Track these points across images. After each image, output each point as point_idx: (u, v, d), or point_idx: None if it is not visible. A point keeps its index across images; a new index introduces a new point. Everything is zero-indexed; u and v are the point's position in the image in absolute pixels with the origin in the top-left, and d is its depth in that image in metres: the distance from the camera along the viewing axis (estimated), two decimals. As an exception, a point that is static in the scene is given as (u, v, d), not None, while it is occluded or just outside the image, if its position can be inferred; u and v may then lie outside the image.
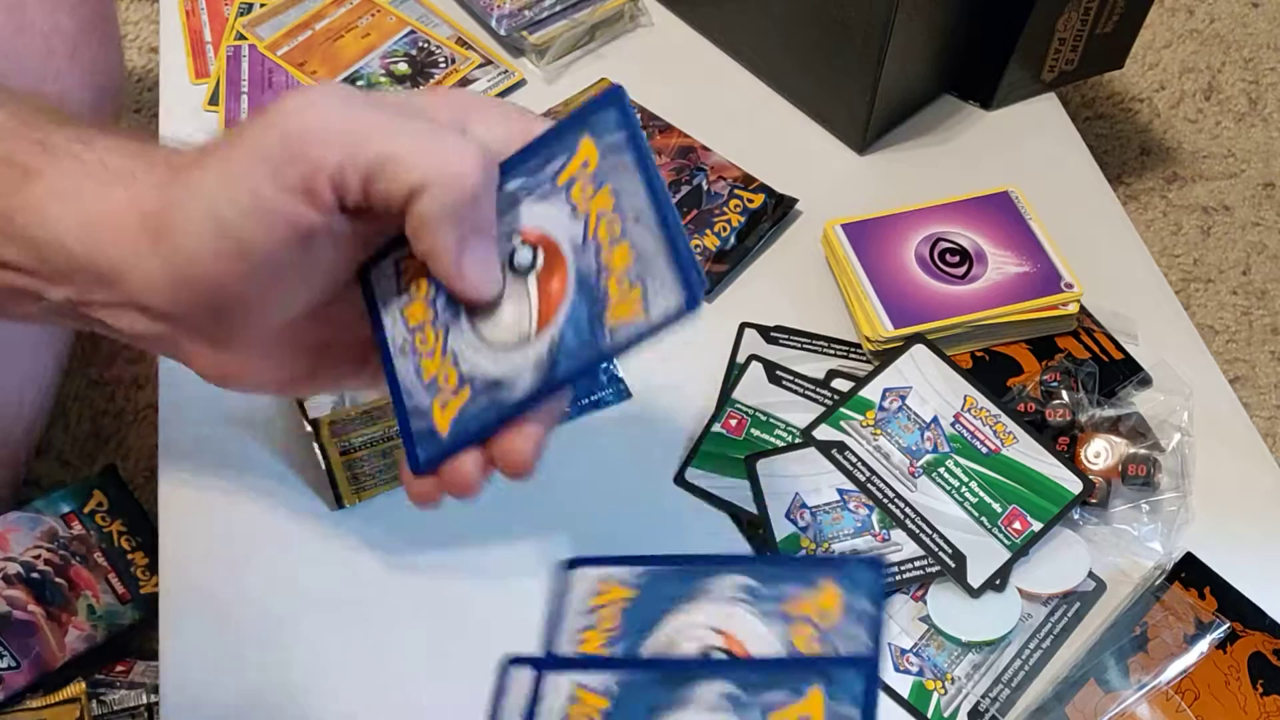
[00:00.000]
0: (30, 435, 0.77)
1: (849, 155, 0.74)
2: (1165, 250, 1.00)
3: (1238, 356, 0.95)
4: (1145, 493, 0.57)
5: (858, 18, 0.66)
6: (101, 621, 0.74)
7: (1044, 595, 0.54)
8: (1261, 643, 0.53)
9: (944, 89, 0.77)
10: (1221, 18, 1.15)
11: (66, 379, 0.92)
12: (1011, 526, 0.55)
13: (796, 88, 0.76)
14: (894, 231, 0.65)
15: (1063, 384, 0.60)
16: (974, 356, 0.62)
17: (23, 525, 0.74)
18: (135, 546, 0.78)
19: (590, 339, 0.33)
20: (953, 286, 0.62)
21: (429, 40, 0.78)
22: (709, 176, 0.69)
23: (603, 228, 0.33)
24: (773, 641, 0.33)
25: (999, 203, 0.66)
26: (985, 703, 0.52)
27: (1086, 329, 0.63)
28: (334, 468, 0.56)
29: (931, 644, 0.54)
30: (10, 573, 0.71)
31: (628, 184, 0.33)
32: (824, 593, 0.33)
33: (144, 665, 0.75)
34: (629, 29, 0.80)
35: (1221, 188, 1.03)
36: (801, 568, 0.35)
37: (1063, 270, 0.63)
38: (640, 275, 0.32)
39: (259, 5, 0.80)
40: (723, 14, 0.78)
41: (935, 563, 0.54)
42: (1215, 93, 1.10)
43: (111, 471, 0.83)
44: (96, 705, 0.71)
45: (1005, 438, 0.57)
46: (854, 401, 0.59)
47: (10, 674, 0.69)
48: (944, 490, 0.56)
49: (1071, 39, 0.74)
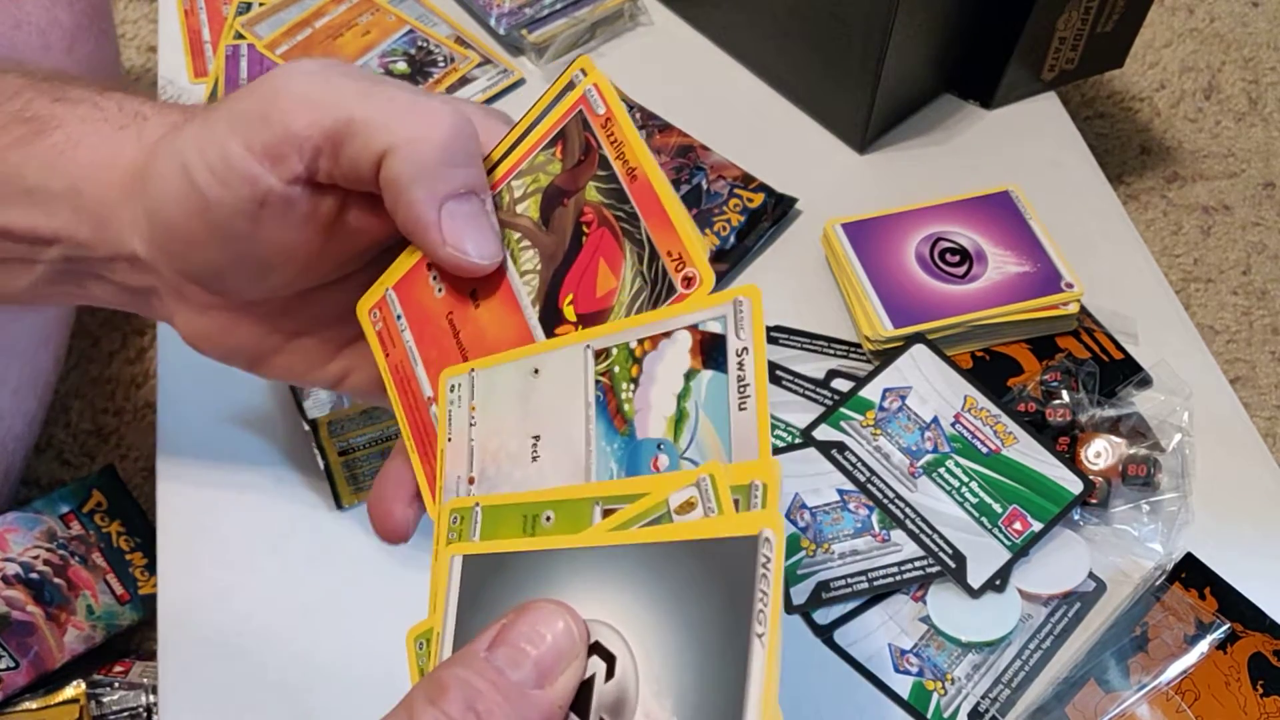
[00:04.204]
0: (30, 433, 0.77)
1: (849, 155, 0.74)
2: (1165, 250, 1.00)
3: (1238, 356, 0.95)
4: (1145, 493, 0.57)
5: (858, 17, 0.66)
6: (100, 622, 0.74)
7: (1044, 596, 0.54)
8: (1262, 643, 0.53)
9: (944, 88, 0.77)
10: (1221, 17, 1.15)
11: (66, 378, 0.92)
12: (1011, 527, 0.55)
13: (796, 87, 0.76)
14: (894, 231, 0.65)
15: (1063, 384, 0.60)
16: (974, 356, 0.62)
17: (21, 525, 0.74)
18: (134, 547, 0.78)
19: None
20: (953, 286, 0.62)
21: (428, 39, 0.78)
22: (709, 176, 0.69)
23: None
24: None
25: (999, 202, 0.66)
26: (985, 703, 0.52)
27: (1086, 329, 0.63)
28: (333, 468, 0.56)
29: (931, 644, 0.53)
30: (9, 573, 0.71)
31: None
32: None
33: (143, 665, 0.75)
34: (629, 28, 0.80)
35: (1221, 187, 1.03)
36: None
37: (1063, 270, 0.62)
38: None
39: (258, 4, 0.80)
40: (723, 13, 0.78)
41: (935, 563, 0.54)
42: (1215, 92, 1.10)
43: (110, 471, 0.82)
44: (95, 705, 0.71)
45: (1005, 438, 0.57)
46: (854, 401, 0.59)
47: (9, 674, 0.69)
48: (944, 490, 0.56)
49: (1072, 38, 0.74)
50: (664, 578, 0.26)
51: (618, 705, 0.26)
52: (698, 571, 0.25)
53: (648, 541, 0.26)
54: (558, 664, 0.26)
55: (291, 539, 0.56)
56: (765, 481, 0.25)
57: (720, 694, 0.24)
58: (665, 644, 0.25)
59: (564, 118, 0.32)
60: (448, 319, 0.35)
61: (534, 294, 0.32)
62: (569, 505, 0.29)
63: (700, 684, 0.24)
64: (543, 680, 0.26)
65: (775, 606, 0.24)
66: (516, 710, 0.25)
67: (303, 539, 0.56)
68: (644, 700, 0.25)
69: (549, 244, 0.32)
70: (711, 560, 0.25)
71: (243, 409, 0.60)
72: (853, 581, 0.54)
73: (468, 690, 0.25)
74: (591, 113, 0.31)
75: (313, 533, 0.57)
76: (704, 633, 0.25)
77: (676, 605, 0.25)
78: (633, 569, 0.27)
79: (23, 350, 0.73)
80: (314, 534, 0.57)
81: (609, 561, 0.27)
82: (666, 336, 0.28)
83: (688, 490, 0.26)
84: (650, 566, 0.26)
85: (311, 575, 0.56)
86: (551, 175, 0.32)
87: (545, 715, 0.26)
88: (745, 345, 0.27)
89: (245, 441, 0.59)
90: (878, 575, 0.54)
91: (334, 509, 0.57)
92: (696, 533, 0.25)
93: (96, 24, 0.75)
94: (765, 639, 0.24)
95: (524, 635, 0.26)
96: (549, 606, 0.27)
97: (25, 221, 0.36)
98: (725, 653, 0.24)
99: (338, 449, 0.56)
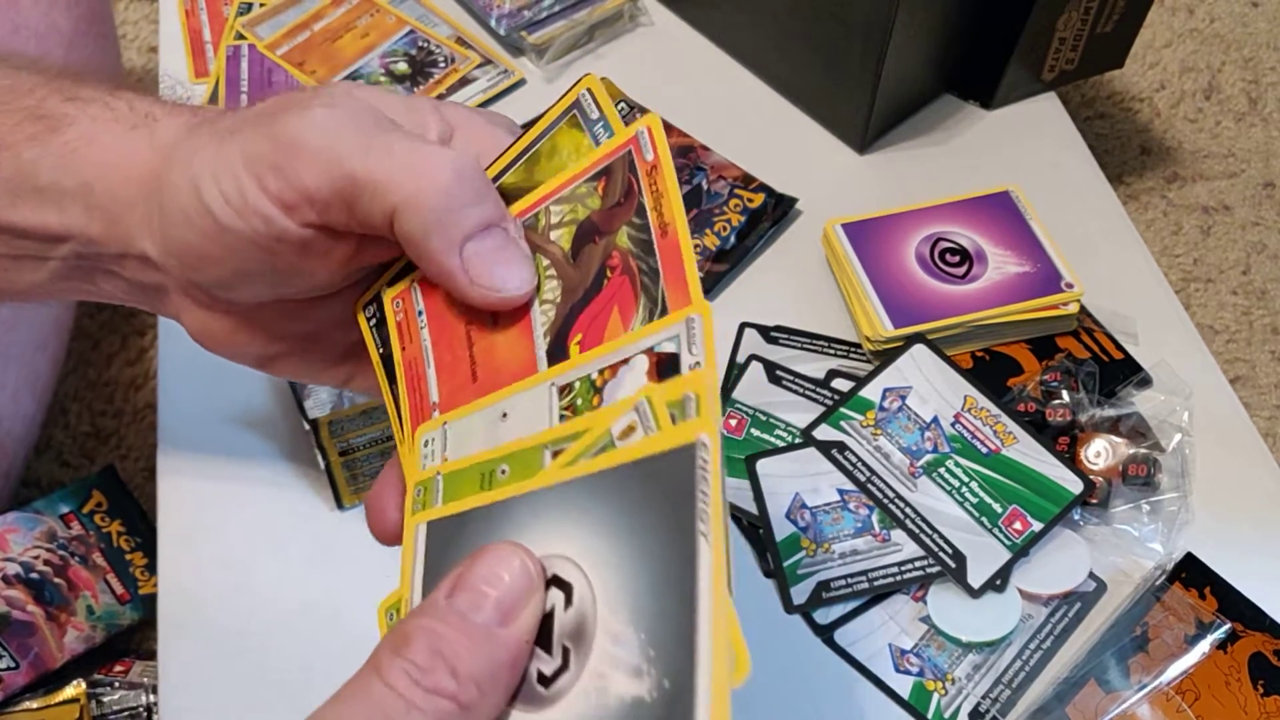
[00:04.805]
0: (29, 435, 0.77)
1: (849, 155, 0.74)
2: (1165, 250, 1.00)
3: (1238, 356, 0.95)
4: (1145, 493, 0.57)
5: (858, 17, 0.66)
6: (100, 622, 0.74)
7: (1044, 595, 0.54)
8: (1262, 643, 0.53)
9: (944, 89, 0.77)
10: (1221, 17, 1.15)
11: (66, 379, 0.92)
12: (1012, 527, 0.55)
13: (796, 87, 0.76)
14: (894, 231, 0.65)
15: (1063, 384, 0.60)
16: (974, 356, 0.62)
17: (22, 525, 0.74)
18: (134, 547, 0.78)
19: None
20: (953, 286, 0.62)
21: (428, 40, 0.78)
22: (709, 176, 0.69)
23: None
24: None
25: (999, 202, 0.66)
26: (986, 703, 0.52)
27: (1086, 329, 0.63)
28: (333, 468, 0.56)
29: (931, 644, 0.53)
30: (9, 573, 0.71)
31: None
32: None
33: (143, 665, 0.75)
34: (629, 29, 0.80)
35: (1221, 187, 1.03)
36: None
37: (1063, 270, 0.62)
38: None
39: (258, 5, 0.80)
40: (723, 14, 0.78)
41: (935, 563, 0.54)
42: (1215, 92, 1.10)
43: (110, 471, 0.82)
44: (96, 705, 0.71)
45: (1005, 438, 0.57)
46: (854, 401, 0.59)
47: (9, 674, 0.69)
48: (944, 490, 0.56)
49: (1072, 38, 0.74)
50: (612, 502, 0.27)
51: (578, 630, 0.26)
52: (643, 489, 0.26)
53: (594, 471, 0.27)
54: (518, 602, 0.26)
55: (292, 539, 0.57)
56: (697, 392, 0.26)
57: (673, 594, 0.24)
58: (618, 563, 0.26)
59: (613, 153, 0.31)
60: (466, 330, 0.34)
61: (548, 325, 0.32)
62: (520, 455, 0.30)
63: (654, 590, 0.25)
64: (506, 619, 0.26)
65: (716, 504, 0.24)
66: (483, 650, 0.26)
67: (303, 539, 0.57)
68: (603, 619, 0.26)
69: (573, 278, 0.32)
70: (654, 476, 0.26)
71: (243, 409, 0.60)
72: (853, 581, 0.54)
73: (432, 637, 0.26)
74: (640, 156, 0.31)
75: (313, 533, 0.57)
76: (653, 544, 0.25)
77: (626, 525, 0.26)
78: (583, 500, 0.27)
79: (19, 354, 0.73)
80: (314, 534, 0.57)
81: (561, 498, 0.28)
82: (625, 363, 0.29)
83: (627, 416, 0.27)
84: (598, 495, 0.27)
85: (311, 575, 0.56)
86: (590, 210, 0.32)
87: (512, 652, 0.26)
88: (698, 360, 0.27)
89: (246, 441, 0.59)
90: (878, 575, 0.54)
91: (334, 509, 0.57)
92: (637, 453, 0.26)
93: (95, 28, 0.75)
94: (710, 535, 0.24)
95: (482, 578, 0.27)
96: (503, 548, 0.27)
97: (38, 218, 0.36)
98: (674, 556, 0.25)
99: (338, 449, 0.56)
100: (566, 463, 0.28)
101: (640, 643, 0.25)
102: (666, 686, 0.24)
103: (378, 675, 0.26)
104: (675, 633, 0.24)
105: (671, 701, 0.23)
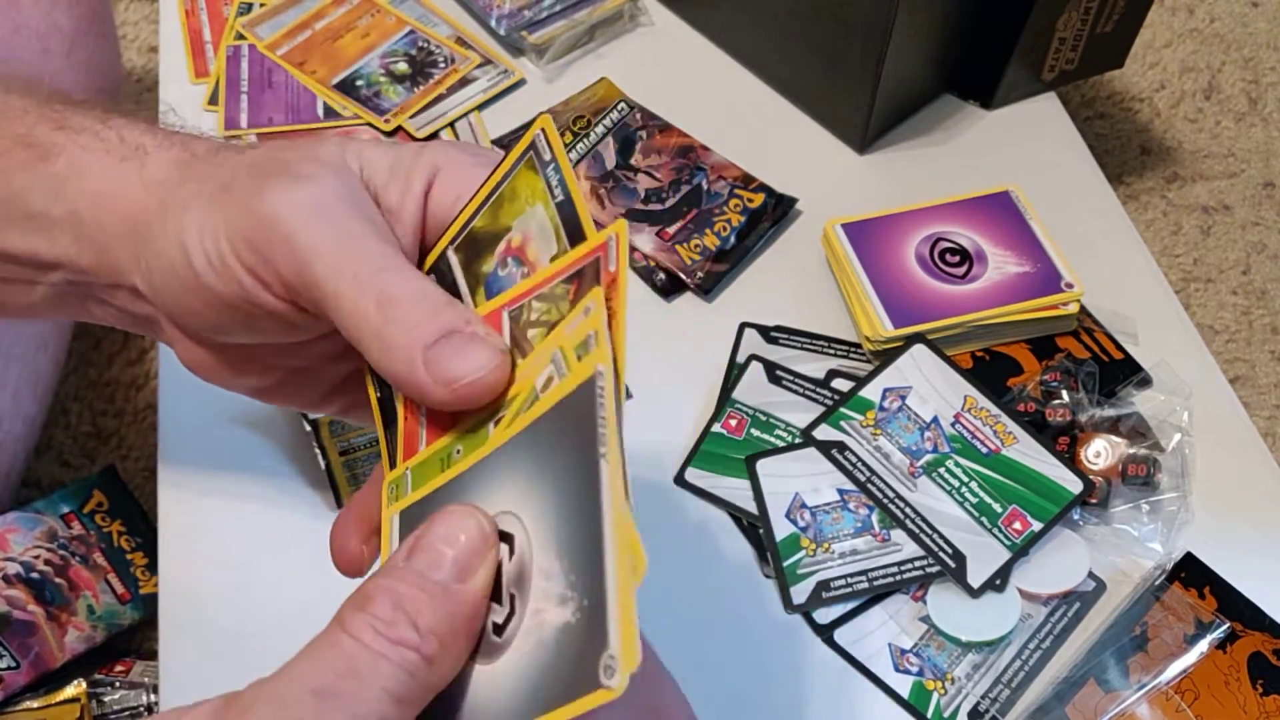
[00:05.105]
0: (30, 435, 0.77)
1: (849, 155, 0.74)
2: (1165, 250, 1.00)
3: (1238, 356, 0.95)
4: (1145, 493, 0.57)
5: (858, 17, 0.66)
6: (101, 621, 0.75)
7: (1044, 595, 0.54)
8: (1261, 643, 0.53)
9: (944, 89, 0.77)
10: (1221, 17, 1.15)
11: (66, 379, 0.92)
12: (1011, 526, 0.55)
13: (796, 88, 0.76)
14: (894, 231, 0.65)
15: (1063, 384, 0.60)
16: (974, 356, 0.62)
17: (22, 525, 0.74)
18: (135, 546, 0.78)
19: None
20: (953, 286, 0.62)
21: (429, 40, 0.78)
22: (709, 176, 0.69)
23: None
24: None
25: (999, 202, 0.66)
26: (985, 703, 0.52)
27: (1086, 329, 0.63)
28: (334, 468, 0.56)
29: (931, 644, 0.53)
30: (10, 573, 0.71)
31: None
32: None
33: (144, 665, 0.75)
34: (629, 29, 0.80)
35: (1221, 188, 1.03)
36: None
37: (1063, 270, 0.63)
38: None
39: (258, 5, 0.80)
40: (723, 14, 0.78)
41: (935, 563, 0.54)
42: (1215, 92, 1.10)
43: (111, 471, 0.83)
44: (96, 705, 0.71)
45: (1005, 438, 0.57)
46: (854, 401, 0.59)
47: (10, 674, 0.69)
48: (944, 490, 0.56)
49: (1072, 38, 0.74)
50: (538, 450, 0.28)
51: (520, 576, 0.28)
52: (558, 430, 0.28)
53: (524, 426, 0.29)
54: (474, 559, 0.28)
55: (292, 539, 0.57)
56: (595, 329, 0.28)
57: (582, 519, 0.26)
58: (545, 505, 0.27)
59: (586, 257, 0.31)
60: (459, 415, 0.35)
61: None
62: (469, 435, 0.31)
63: (569, 519, 0.26)
64: (464, 575, 0.27)
65: (612, 425, 0.26)
66: (443, 606, 0.27)
67: (303, 539, 0.57)
68: (537, 560, 0.27)
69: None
70: (563, 415, 0.28)
71: (244, 409, 0.60)
72: (853, 581, 0.54)
73: (393, 595, 0.27)
74: (605, 265, 0.30)
75: (313, 532, 0.57)
76: (568, 480, 0.27)
77: (548, 467, 0.28)
78: (517, 456, 0.29)
79: (20, 353, 0.73)
80: (315, 534, 0.57)
81: (500, 460, 0.29)
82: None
83: (547, 370, 0.29)
84: (526, 446, 0.29)
85: (312, 575, 0.55)
86: (562, 314, 0.31)
87: (471, 605, 0.27)
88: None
89: (246, 441, 0.59)
90: (878, 575, 0.54)
91: (335, 509, 0.57)
92: (553, 399, 0.28)
93: (96, 28, 0.75)
94: (608, 454, 0.26)
95: (440, 537, 0.28)
96: (458, 509, 0.28)
97: (28, 245, 0.36)
98: (581, 483, 0.26)
99: (339, 449, 0.56)
100: (505, 426, 0.30)
101: (563, 570, 0.26)
102: (585, 605, 0.25)
103: (343, 629, 0.27)
104: (587, 553, 0.25)
105: (590, 617, 0.25)
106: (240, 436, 0.60)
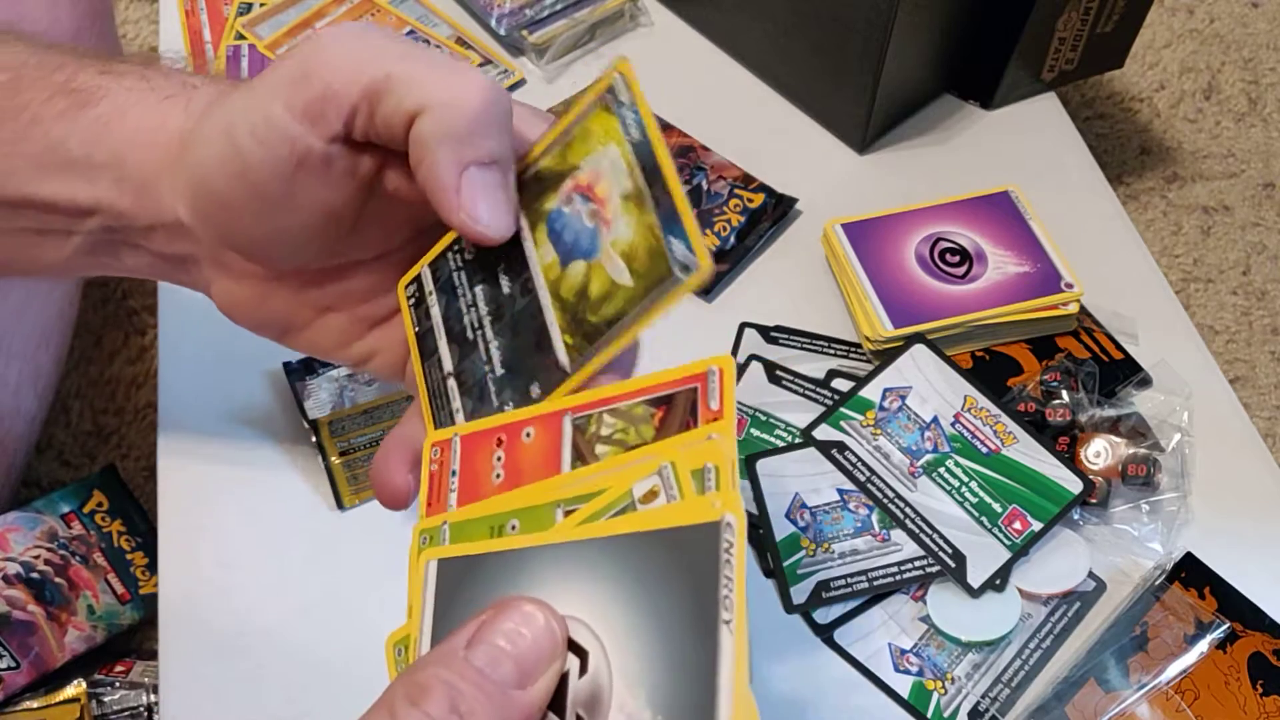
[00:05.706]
0: (30, 434, 0.77)
1: (849, 155, 0.74)
2: (1165, 250, 1.00)
3: (1238, 356, 0.95)
4: (1145, 493, 0.57)
5: (858, 18, 0.66)
6: (101, 621, 0.75)
7: (1044, 595, 0.54)
8: (1261, 643, 0.53)
9: (944, 89, 0.77)
10: (1221, 18, 1.15)
11: (66, 378, 0.92)
12: (1011, 526, 0.55)
13: (796, 88, 0.76)
14: (894, 231, 0.65)
15: (1063, 384, 0.60)
16: (974, 356, 0.62)
17: (22, 525, 0.74)
18: (135, 546, 0.78)
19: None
20: (953, 286, 0.62)
21: (429, 40, 0.78)
22: (709, 176, 0.69)
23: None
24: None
25: (999, 202, 0.66)
26: (985, 703, 0.52)
27: (1086, 329, 0.63)
28: (333, 468, 0.56)
29: (931, 644, 0.54)
30: (10, 573, 0.71)
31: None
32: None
33: (144, 665, 0.75)
34: (629, 29, 0.80)
35: (1221, 188, 1.03)
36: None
37: (1063, 270, 0.62)
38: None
39: (258, 5, 0.80)
40: (723, 14, 0.78)
41: (935, 563, 0.54)
42: (1215, 93, 1.10)
43: (111, 471, 0.83)
44: (96, 705, 0.71)
45: (1005, 438, 0.57)
46: (854, 401, 0.59)
47: (10, 674, 0.69)
48: (944, 490, 0.56)
49: (1071, 38, 0.74)
50: (630, 569, 0.26)
51: (593, 701, 0.26)
52: (663, 561, 0.26)
53: (614, 534, 0.27)
54: (539, 663, 0.26)
55: (292, 539, 0.57)
56: (716, 464, 0.26)
57: (693, 683, 0.24)
58: (635, 636, 0.25)
59: (680, 383, 0.29)
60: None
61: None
62: (532, 511, 0.29)
63: (672, 674, 0.24)
64: (524, 680, 0.26)
65: (740, 591, 0.24)
66: (499, 711, 0.25)
67: (303, 539, 0.57)
68: (618, 694, 0.25)
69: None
70: (675, 548, 0.25)
71: (244, 409, 0.60)
72: (853, 581, 0.54)
73: (450, 691, 0.25)
74: (704, 402, 0.28)
75: (313, 533, 0.57)
76: (672, 622, 0.25)
77: (644, 596, 0.26)
78: (601, 562, 0.27)
79: (21, 350, 0.73)
80: (314, 534, 0.57)
81: (578, 556, 0.27)
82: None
83: (651, 479, 0.27)
84: (617, 559, 0.26)
85: (312, 575, 0.56)
86: (643, 439, 0.30)
87: (526, 715, 0.26)
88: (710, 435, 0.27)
89: (246, 441, 0.59)
90: (878, 575, 0.54)
91: (334, 509, 0.57)
92: (659, 520, 0.26)
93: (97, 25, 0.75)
94: (733, 625, 0.24)
95: (503, 633, 0.26)
96: (527, 604, 0.27)
97: (66, 192, 0.37)
98: (695, 641, 0.24)
99: (338, 449, 0.56)
100: (584, 519, 0.28)
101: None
102: None
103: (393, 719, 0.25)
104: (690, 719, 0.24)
105: None
106: (241, 436, 0.60)
